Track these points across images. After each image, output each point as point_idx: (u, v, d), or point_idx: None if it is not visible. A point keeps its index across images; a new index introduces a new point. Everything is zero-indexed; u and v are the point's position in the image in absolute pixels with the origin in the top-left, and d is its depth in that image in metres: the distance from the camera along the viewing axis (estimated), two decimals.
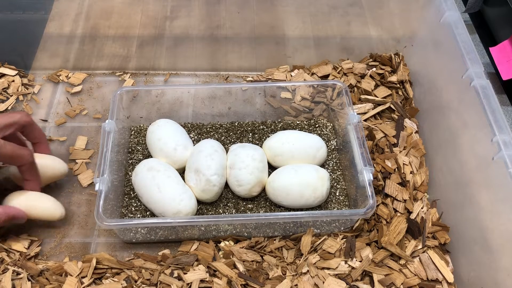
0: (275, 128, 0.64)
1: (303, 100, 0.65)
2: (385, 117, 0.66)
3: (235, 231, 0.54)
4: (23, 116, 0.51)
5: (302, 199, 0.53)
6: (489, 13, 0.76)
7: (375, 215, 0.56)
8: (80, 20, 0.75)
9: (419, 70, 0.68)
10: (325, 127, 0.64)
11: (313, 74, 0.71)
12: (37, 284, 0.50)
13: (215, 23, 0.75)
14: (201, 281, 0.50)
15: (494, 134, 0.47)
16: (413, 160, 0.61)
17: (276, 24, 0.76)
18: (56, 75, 0.71)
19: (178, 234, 0.54)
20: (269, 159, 0.58)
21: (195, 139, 0.62)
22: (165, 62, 0.73)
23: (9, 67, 0.70)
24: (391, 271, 0.51)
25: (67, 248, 0.54)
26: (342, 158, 0.60)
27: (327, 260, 0.52)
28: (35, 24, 0.75)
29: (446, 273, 0.52)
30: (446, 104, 0.59)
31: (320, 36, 0.75)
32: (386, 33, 0.73)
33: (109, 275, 0.51)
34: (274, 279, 0.50)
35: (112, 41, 0.74)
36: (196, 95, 0.65)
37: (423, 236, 0.54)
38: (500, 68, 0.65)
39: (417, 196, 0.58)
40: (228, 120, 0.65)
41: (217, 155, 0.55)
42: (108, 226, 0.48)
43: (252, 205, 0.56)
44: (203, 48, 0.74)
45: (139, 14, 0.76)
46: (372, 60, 0.72)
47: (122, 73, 0.72)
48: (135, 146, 0.62)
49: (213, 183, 0.53)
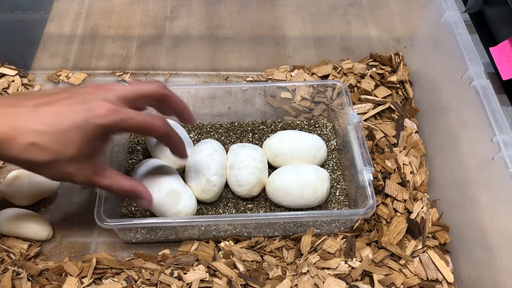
0: (275, 128, 0.64)
1: (303, 100, 0.65)
2: (385, 117, 0.66)
3: (235, 231, 0.54)
4: (158, 88, 0.44)
5: (302, 199, 0.53)
6: (489, 13, 0.76)
7: (375, 215, 0.56)
8: (80, 20, 0.75)
9: (419, 70, 0.68)
10: (325, 127, 0.64)
11: (313, 74, 0.71)
12: (37, 284, 0.50)
13: (215, 23, 0.75)
14: (201, 281, 0.50)
15: (494, 134, 0.47)
16: (413, 160, 0.61)
17: (276, 24, 0.76)
18: (56, 75, 0.71)
19: (178, 234, 0.54)
20: (269, 159, 0.58)
21: (195, 139, 0.62)
22: (165, 62, 0.73)
23: (9, 67, 0.70)
24: (391, 271, 0.51)
25: (67, 248, 0.54)
26: (342, 158, 0.60)
27: (327, 260, 0.52)
28: (35, 24, 0.75)
29: (446, 273, 0.52)
30: (446, 104, 0.59)
31: (320, 36, 0.75)
32: (386, 33, 0.73)
33: (109, 275, 0.51)
34: (274, 279, 0.50)
35: (112, 41, 0.74)
36: (196, 95, 0.65)
37: (423, 236, 0.54)
38: (500, 68, 0.65)
39: (417, 196, 0.58)
40: (228, 120, 0.65)
41: (217, 155, 0.55)
42: (108, 226, 0.48)
43: (252, 205, 0.56)
44: (203, 48, 0.74)
45: (139, 14, 0.76)
46: (372, 60, 0.72)
47: (122, 73, 0.72)
48: (135, 146, 0.62)
49: (213, 183, 0.53)
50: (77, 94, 0.40)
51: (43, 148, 0.38)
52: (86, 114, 0.39)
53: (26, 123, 0.38)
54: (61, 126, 0.38)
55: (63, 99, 0.40)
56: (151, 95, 0.44)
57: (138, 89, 0.43)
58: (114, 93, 0.41)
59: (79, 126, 0.39)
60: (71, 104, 0.39)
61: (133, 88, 0.43)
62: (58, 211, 0.57)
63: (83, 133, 0.39)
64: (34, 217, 0.54)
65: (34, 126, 0.38)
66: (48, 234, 0.54)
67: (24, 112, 0.38)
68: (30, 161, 0.39)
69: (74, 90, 0.41)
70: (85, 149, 0.40)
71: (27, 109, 0.38)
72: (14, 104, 0.38)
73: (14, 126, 0.37)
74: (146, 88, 0.44)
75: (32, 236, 0.53)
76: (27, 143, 0.37)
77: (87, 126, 0.39)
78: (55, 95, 0.40)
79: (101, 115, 0.39)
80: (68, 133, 0.38)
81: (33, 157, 0.38)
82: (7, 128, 0.37)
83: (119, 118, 0.40)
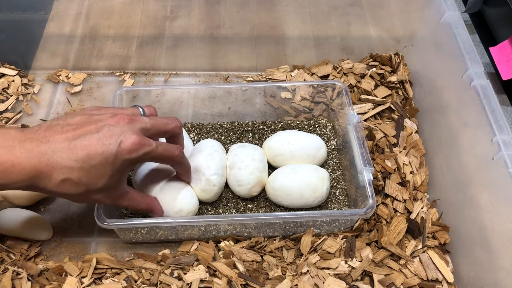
0: (275, 128, 0.64)
1: (303, 100, 0.65)
2: (385, 117, 0.66)
3: (235, 231, 0.54)
4: (177, 128, 0.48)
5: (302, 199, 0.53)
6: (489, 13, 0.76)
7: (375, 215, 0.56)
8: (80, 20, 0.75)
9: (419, 70, 0.68)
10: (325, 127, 0.64)
11: (313, 74, 0.71)
12: (37, 284, 0.50)
13: (215, 23, 0.75)
14: (201, 281, 0.50)
15: (494, 134, 0.47)
16: (413, 160, 0.61)
17: (276, 24, 0.76)
18: (56, 75, 0.71)
19: (178, 234, 0.54)
20: (269, 159, 0.58)
21: (195, 139, 0.62)
22: (165, 62, 0.73)
23: (9, 67, 0.70)
24: (391, 271, 0.51)
25: (67, 248, 0.54)
26: (342, 158, 0.60)
27: (327, 260, 0.52)
28: (35, 24, 0.75)
29: (446, 273, 0.52)
30: (446, 104, 0.59)
31: (320, 36, 0.75)
32: (386, 33, 0.73)
33: (109, 275, 0.51)
34: (274, 279, 0.50)
35: (112, 41, 0.74)
36: (196, 95, 0.65)
37: (423, 236, 0.54)
38: (500, 68, 0.65)
39: (417, 196, 0.58)
40: (228, 120, 0.65)
41: (217, 155, 0.55)
42: (108, 226, 0.48)
43: (252, 205, 0.56)
44: (203, 48, 0.74)
45: (139, 14, 0.76)
46: (372, 60, 0.72)
47: (122, 73, 0.72)
48: None
49: (213, 183, 0.53)
50: (104, 125, 0.42)
51: (76, 182, 0.41)
52: (115, 148, 0.41)
53: (60, 160, 0.40)
54: (92, 162, 0.41)
55: (92, 133, 0.42)
56: (169, 132, 0.48)
57: (159, 125, 0.46)
58: (138, 125, 0.44)
59: (109, 161, 0.42)
60: (100, 139, 0.41)
61: (155, 123, 0.46)
62: (58, 211, 0.57)
63: (112, 167, 0.42)
64: (34, 217, 0.54)
65: (68, 163, 0.40)
66: (48, 234, 0.54)
67: (58, 150, 0.40)
68: (64, 194, 0.42)
69: (99, 121, 0.43)
70: (114, 179, 0.43)
71: (59, 145, 0.40)
72: (47, 140, 0.41)
73: (50, 164, 0.40)
74: (166, 125, 0.47)
75: (32, 236, 0.53)
76: (62, 179, 0.41)
77: (117, 160, 0.42)
78: (83, 126, 0.42)
79: (130, 150, 0.42)
80: (99, 167, 0.41)
81: (67, 191, 0.42)
82: (43, 166, 0.40)
83: (144, 152, 0.43)
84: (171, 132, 0.48)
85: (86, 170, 0.41)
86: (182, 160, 0.49)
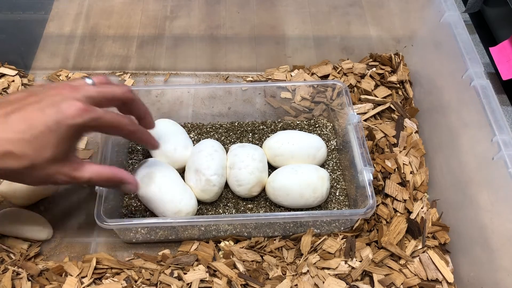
0: (275, 128, 0.64)
1: (303, 100, 0.65)
2: (385, 117, 0.66)
3: (235, 231, 0.54)
4: (125, 92, 0.45)
5: (302, 199, 0.53)
6: (489, 13, 0.76)
7: (375, 215, 0.56)
8: (80, 20, 0.75)
9: (419, 70, 0.68)
10: (325, 127, 0.64)
11: (313, 74, 0.71)
12: (37, 284, 0.50)
13: (215, 23, 0.75)
14: (201, 281, 0.50)
15: (494, 134, 0.47)
16: (413, 160, 0.61)
17: (276, 24, 0.76)
18: (56, 75, 0.71)
19: (178, 234, 0.54)
20: (269, 159, 0.58)
21: (195, 139, 0.62)
22: (165, 62, 0.73)
23: (9, 67, 0.70)
24: (391, 271, 0.51)
25: (67, 248, 0.54)
26: (342, 158, 0.60)
27: (327, 260, 0.52)
28: (35, 24, 0.75)
29: (446, 273, 0.52)
30: (446, 104, 0.59)
31: (320, 36, 0.75)
32: (386, 33, 0.73)
33: (109, 275, 0.51)
34: (274, 279, 0.50)
35: (112, 41, 0.74)
36: (196, 95, 0.65)
37: (423, 236, 0.54)
38: (500, 68, 0.65)
39: (417, 196, 0.58)
40: (228, 120, 0.65)
41: (217, 155, 0.55)
42: (108, 226, 0.48)
43: (252, 205, 0.56)
44: (203, 48, 0.74)
45: (139, 14, 0.76)
46: (372, 60, 0.72)
47: (122, 73, 0.72)
48: (135, 146, 0.62)
49: (213, 183, 0.53)
50: (44, 96, 0.41)
51: (19, 155, 0.39)
52: (57, 116, 0.40)
53: None
54: (34, 131, 0.39)
55: (32, 104, 0.40)
56: (118, 98, 0.45)
57: (106, 91, 0.44)
58: (82, 93, 0.42)
59: (52, 129, 0.39)
60: (41, 108, 0.40)
61: (101, 90, 0.44)
62: (58, 211, 0.57)
63: (57, 135, 0.40)
64: (34, 217, 0.54)
65: (7, 135, 0.38)
66: (48, 234, 0.54)
67: None
68: (9, 169, 0.39)
69: (41, 92, 0.41)
70: (60, 149, 0.41)
71: None
72: None
73: None
74: (113, 91, 0.45)
75: (32, 236, 0.53)
76: (3, 153, 0.38)
77: (60, 128, 0.40)
78: (22, 100, 0.41)
79: (72, 115, 0.40)
80: (42, 137, 0.39)
81: (11, 165, 0.39)
82: None
83: (90, 118, 0.41)
84: (122, 99, 0.45)
85: (28, 140, 0.39)
86: (135, 129, 0.46)
